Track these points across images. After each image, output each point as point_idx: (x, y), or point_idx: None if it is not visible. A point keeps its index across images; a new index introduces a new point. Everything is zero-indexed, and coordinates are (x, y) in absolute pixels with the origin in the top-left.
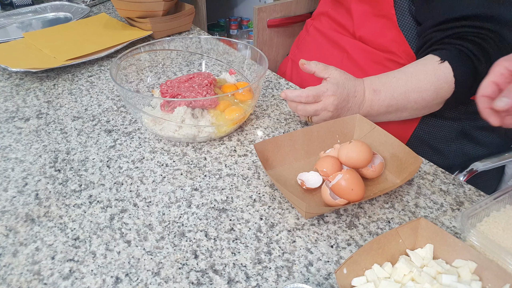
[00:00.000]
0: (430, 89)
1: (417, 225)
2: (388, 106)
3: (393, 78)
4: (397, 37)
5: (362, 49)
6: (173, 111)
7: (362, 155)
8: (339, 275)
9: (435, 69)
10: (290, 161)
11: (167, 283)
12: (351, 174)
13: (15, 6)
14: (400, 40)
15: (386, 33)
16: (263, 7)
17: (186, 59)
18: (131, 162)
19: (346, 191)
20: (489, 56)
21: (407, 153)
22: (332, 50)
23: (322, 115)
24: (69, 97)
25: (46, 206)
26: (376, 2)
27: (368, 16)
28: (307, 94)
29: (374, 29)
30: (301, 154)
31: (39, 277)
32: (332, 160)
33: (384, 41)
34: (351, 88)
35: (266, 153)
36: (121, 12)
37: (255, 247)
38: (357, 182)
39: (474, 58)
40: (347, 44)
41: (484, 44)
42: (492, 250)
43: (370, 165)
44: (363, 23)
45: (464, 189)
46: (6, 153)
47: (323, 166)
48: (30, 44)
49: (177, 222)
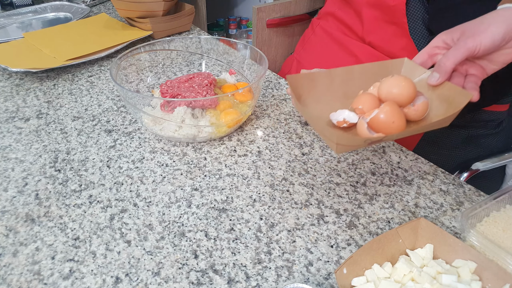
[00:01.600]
0: None
1: (417, 225)
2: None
3: None
4: (408, 45)
5: (371, 54)
6: (173, 111)
7: (405, 91)
8: (339, 275)
9: None
10: (325, 100)
11: (167, 283)
12: (391, 106)
13: (15, 6)
14: (411, 49)
15: (397, 41)
16: (262, 7)
17: (186, 59)
18: (131, 162)
19: (386, 124)
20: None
21: (459, 92)
22: (339, 52)
23: None
24: (69, 97)
25: (46, 206)
26: (388, 9)
27: (379, 22)
28: None
29: (385, 36)
30: (338, 95)
31: (39, 277)
32: (370, 97)
33: (394, 49)
34: None
35: (300, 90)
36: (121, 12)
37: (255, 247)
38: (398, 115)
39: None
40: (355, 48)
41: None
42: (492, 250)
43: (412, 104)
44: (373, 29)
45: (464, 189)
46: (6, 153)
47: (359, 103)
48: (30, 44)
49: (177, 222)
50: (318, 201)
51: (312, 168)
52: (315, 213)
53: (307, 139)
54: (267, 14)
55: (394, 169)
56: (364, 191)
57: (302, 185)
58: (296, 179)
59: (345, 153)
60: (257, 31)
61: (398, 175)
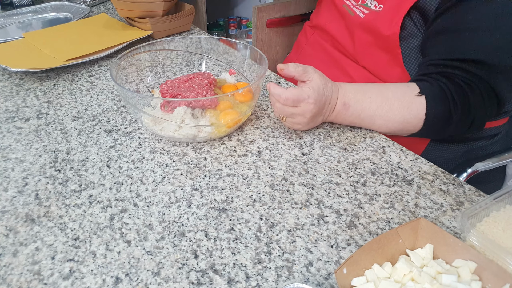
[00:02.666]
0: (398, 120)
1: (417, 225)
2: (351, 122)
3: (368, 98)
4: (402, 75)
5: (367, 78)
6: (173, 111)
7: None
8: (339, 275)
9: (410, 102)
10: None
11: (167, 283)
12: None
13: (15, 6)
14: (406, 79)
15: (392, 70)
16: (263, 7)
17: (186, 59)
18: (131, 162)
19: None
20: (469, 105)
21: None
22: (335, 71)
23: (297, 120)
24: (69, 97)
25: (46, 206)
26: (381, 37)
27: (372, 47)
28: (287, 97)
29: (379, 63)
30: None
31: (39, 277)
32: None
33: (389, 79)
34: (329, 95)
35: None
36: (121, 12)
37: (255, 247)
38: None
39: (452, 102)
40: (351, 69)
41: (467, 92)
42: (492, 250)
43: None
44: (366, 54)
45: (464, 189)
46: (6, 153)
47: None
48: (30, 44)
49: (177, 222)
50: (318, 201)
51: (312, 168)
52: (315, 213)
53: (307, 139)
54: (267, 14)
55: (394, 169)
56: (364, 191)
57: (302, 185)
58: (296, 179)
59: (345, 153)
60: (257, 31)
61: (398, 175)
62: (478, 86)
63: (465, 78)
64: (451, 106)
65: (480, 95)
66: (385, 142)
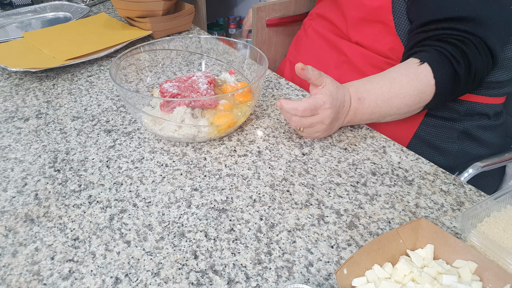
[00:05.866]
0: (413, 94)
1: (417, 225)
2: (371, 113)
3: (377, 85)
4: (394, 43)
5: (361, 53)
6: (173, 111)
7: None
8: (339, 275)
9: (417, 73)
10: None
11: (167, 283)
12: None
13: (15, 6)
14: (398, 47)
15: (383, 39)
16: (262, 7)
17: (186, 59)
18: (131, 162)
19: None
20: (468, 59)
21: None
22: (331, 53)
23: (316, 128)
24: (69, 97)
25: (46, 206)
26: (370, 10)
27: (362, 21)
28: (304, 107)
29: (370, 35)
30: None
31: (39, 277)
32: None
33: (381, 48)
34: (341, 98)
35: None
36: (120, 12)
37: (255, 247)
38: None
39: (453, 60)
40: (345, 48)
41: (463, 47)
42: (492, 251)
43: None
44: (357, 28)
45: (464, 189)
46: (6, 153)
47: None
48: (29, 44)
49: (177, 222)
50: (318, 201)
51: (313, 168)
52: (316, 213)
53: (307, 139)
54: (267, 13)
55: (395, 169)
56: (364, 191)
57: (302, 185)
58: (296, 179)
59: (345, 153)
60: (257, 30)
61: (399, 175)
62: (471, 40)
63: (457, 35)
64: (454, 64)
65: (475, 48)
66: (385, 142)
